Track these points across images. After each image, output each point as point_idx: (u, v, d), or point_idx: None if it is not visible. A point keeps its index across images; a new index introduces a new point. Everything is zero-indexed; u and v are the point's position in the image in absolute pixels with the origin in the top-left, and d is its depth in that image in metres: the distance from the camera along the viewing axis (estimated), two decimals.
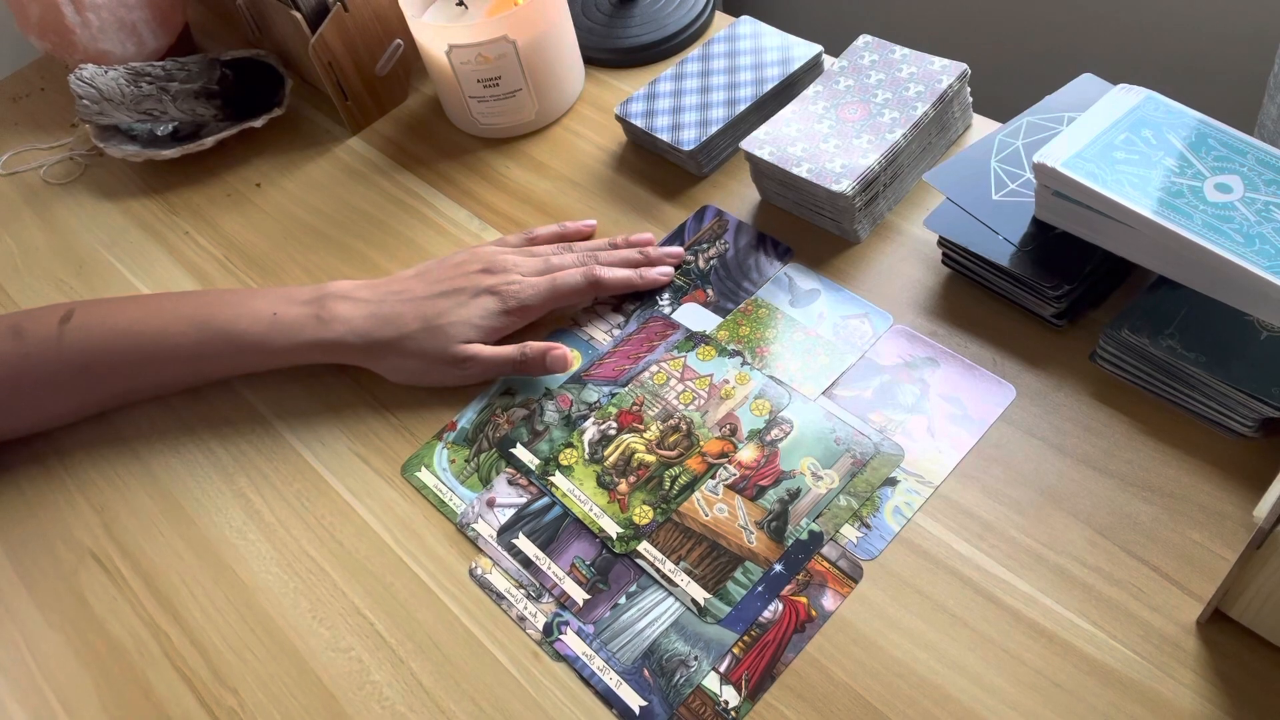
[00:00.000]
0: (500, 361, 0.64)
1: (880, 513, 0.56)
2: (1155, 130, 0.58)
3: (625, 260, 0.68)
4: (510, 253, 0.68)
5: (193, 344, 0.64)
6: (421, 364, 0.64)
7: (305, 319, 0.64)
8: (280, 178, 0.84)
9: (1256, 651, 0.48)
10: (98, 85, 0.81)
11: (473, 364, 0.63)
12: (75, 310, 0.65)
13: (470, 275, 0.65)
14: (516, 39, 0.75)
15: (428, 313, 0.63)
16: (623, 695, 0.52)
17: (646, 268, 0.68)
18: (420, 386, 0.66)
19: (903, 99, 0.69)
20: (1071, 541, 0.53)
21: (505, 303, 0.64)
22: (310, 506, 0.62)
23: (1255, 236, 0.52)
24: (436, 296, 0.64)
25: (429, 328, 0.63)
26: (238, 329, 0.64)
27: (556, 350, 0.64)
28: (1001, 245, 0.61)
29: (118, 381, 0.66)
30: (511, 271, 0.66)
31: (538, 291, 0.65)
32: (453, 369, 0.64)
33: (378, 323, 0.64)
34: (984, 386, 0.60)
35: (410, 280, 0.66)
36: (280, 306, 0.64)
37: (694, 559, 0.56)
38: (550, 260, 0.67)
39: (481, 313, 0.64)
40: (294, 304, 0.65)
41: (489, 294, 0.64)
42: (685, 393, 0.63)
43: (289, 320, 0.64)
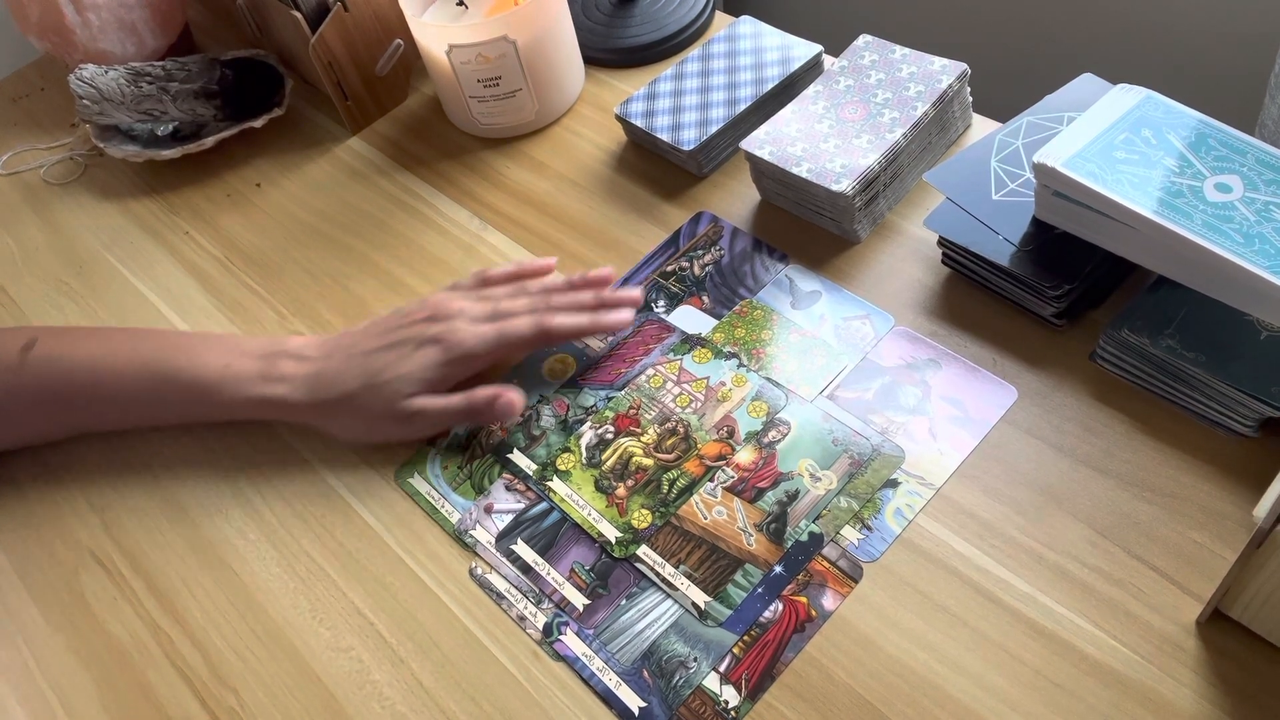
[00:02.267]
0: (447, 413, 0.61)
1: (881, 515, 0.56)
2: (1155, 130, 0.58)
3: (579, 304, 0.64)
4: (460, 297, 0.64)
5: (146, 389, 0.63)
6: (366, 422, 0.62)
7: (254, 375, 0.62)
8: (280, 178, 0.84)
9: (1256, 651, 0.48)
10: (98, 85, 0.81)
11: (419, 419, 0.61)
12: (39, 339, 0.64)
13: (415, 325, 0.62)
14: (516, 39, 0.75)
15: (371, 369, 0.61)
16: (622, 696, 0.52)
17: (603, 311, 0.64)
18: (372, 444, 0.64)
19: (903, 99, 0.69)
20: (1072, 541, 0.53)
21: (449, 352, 0.61)
22: (310, 506, 0.62)
23: (1255, 236, 0.52)
24: (381, 350, 0.62)
25: (371, 384, 0.61)
26: (189, 378, 0.62)
27: (503, 397, 0.61)
28: (1001, 245, 0.61)
29: (72, 417, 0.65)
30: (457, 318, 0.62)
31: (483, 340, 0.62)
32: (399, 426, 0.62)
33: (321, 383, 0.62)
34: (985, 388, 0.60)
35: (359, 335, 0.64)
36: (233, 358, 0.63)
37: (694, 562, 0.56)
38: (501, 305, 0.64)
39: (424, 364, 0.61)
40: (247, 357, 0.63)
41: (432, 344, 0.61)
42: (682, 396, 0.63)
43: (238, 374, 0.62)
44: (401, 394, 0.60)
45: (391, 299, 0.73)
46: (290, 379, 0.62)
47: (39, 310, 0.77)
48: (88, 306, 0.77)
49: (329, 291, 0.74)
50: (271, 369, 0.62)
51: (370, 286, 0.74)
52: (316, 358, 0.63)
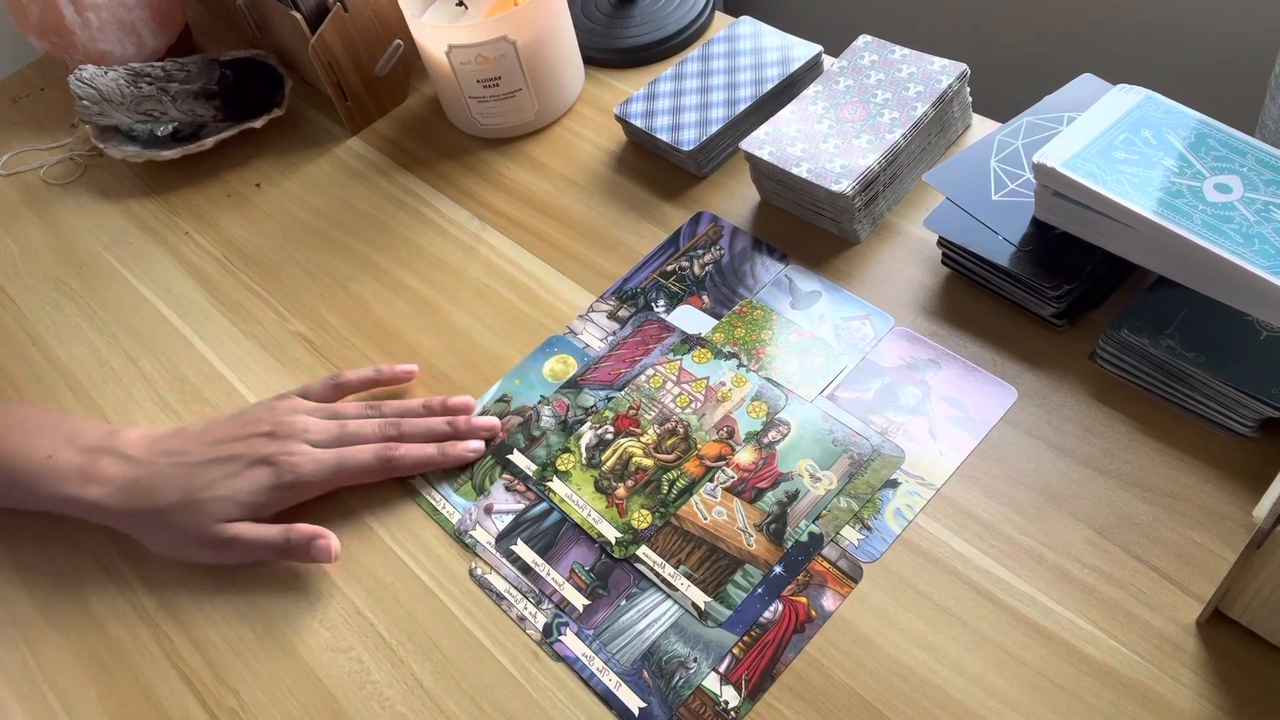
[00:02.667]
0: (262, 546, 0.57)
1: (881, 515, 0.56)
2: (1155, 130, 0.58)
3: (430, 432, 0.61)
4: (305, 414, 0.60)
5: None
6: (179, 540, 0.58)
7: (73, 471, 0.59)
8: (280, 178, 0.84)
9: (1256, 651, 0.48)
10: (98, 86, 0.81)
11: (232, 547, 0.57)
12: None
13: (252, 439, 0.59)
14: (516, 39, 0.75)
15: (193, 484, 0.57)
16: (622, 696, 0.52)
17: (453, 443, 0.61)
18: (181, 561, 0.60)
19: (902, 99, 0.69)
20: (1072, 542, 0.53)
21: (280, 477, 0.57)
22: (310, 506, 0.62)
23: (1255, 236, 0.52)
24: (209, 463, 0.58)
25: (189, 501, 0.57)
26: (10, 463, 0.59)
27: (322, 540, 0.57)
28: (1001, 245, 0.61)
29: None
30: (297, 438, 0.59)
31: (321, 468, 0.58)
32: (209, 550, 0.58)
33: (136, 491, 0.58)
34: (985, 388, 0.60)
35: (192, 438, 0.60)
36: (59, 448, 0.59)
37: (693, 563, 0.56)
38: (347, 427, 0.60)
39: (251, 487, 0.57)
40: (73, 449, 0.59)
41: (265, 465, 0.57)
42: (682, 396, 0.63)
43: (58, 467, 0.59)
44: (217, 516, 0.57)
45: (391, 299, 0.73)
46: (108, 481, 0.58)
47: (39, 310, 0.77)
48: (87, 307, 0.77)
49: (329, 291, 0.74)
50: (92, 466, 0.59)
51: (370, 286, 0.74)
52: (141, 460, 0.59)
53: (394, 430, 0.61)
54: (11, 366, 0.74)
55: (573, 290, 0.70)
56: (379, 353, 0.69)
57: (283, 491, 0.58)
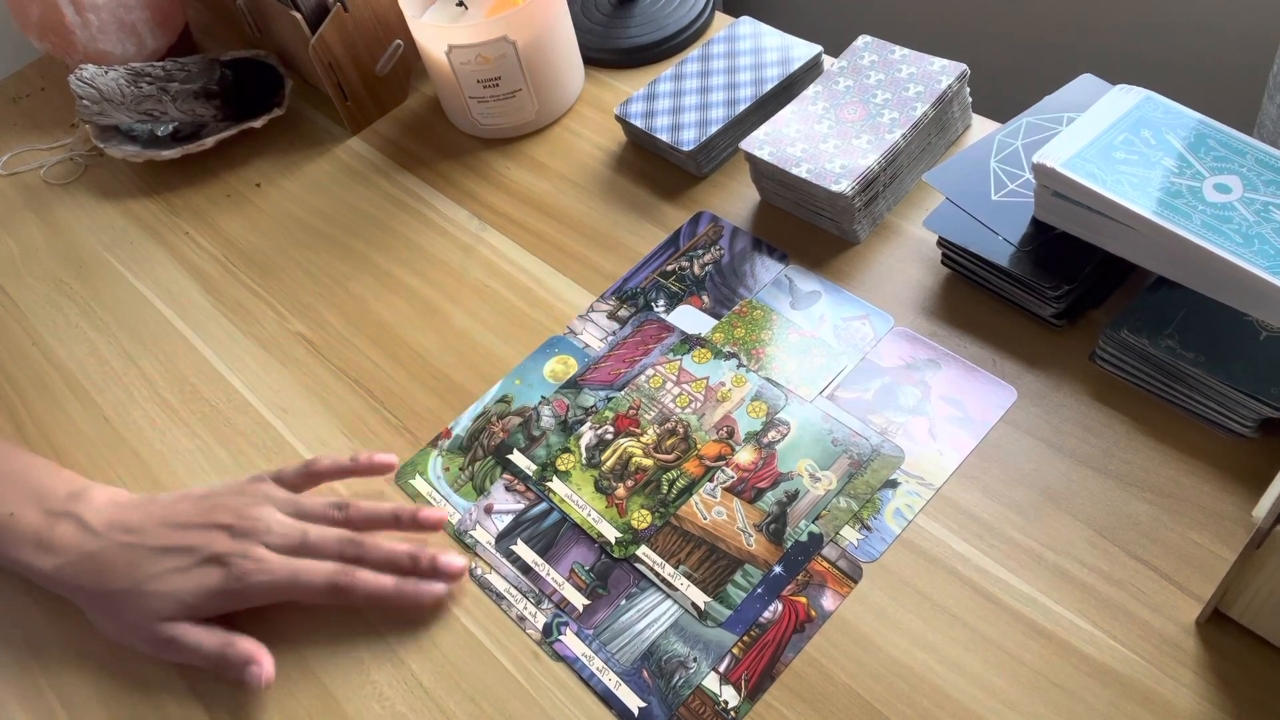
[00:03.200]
0: (198, 654, 0.54)
1: (881, 515, 0.56)
2: (1155, 131, 0.58)
3: (391, 559, 0.56)
4: (277, 506, 0.57)
5: None
6: (119, 626, 0.56)
7: (30, 535, 0.57)
8: (280, 178, 0.84)
9: (1256, 652, 0.48)
10: (98, 85, 0.81)
11: (170, 648, 0.54)
12: None
13: (211, 531, 0.55)
14: (516, 39, 0.75)
15: (140, 572, 0.55)
16: (622, 696, 0.52)
17: (415, 581, 0.56)
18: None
19: (902, 99, 0.69)
20: (1071, 542, 0.53)
21: (228, 582, 0.54)
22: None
23: (1254, 237, 0.52)
24: (161, 551, 0.55)
25: (134, 591, 0.54)
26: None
27: (255, 667, 0.54)
28: (1001, 245, 0.61)
29: None
30: (256, 539, 0.55)
31: (272, 580, 0.55)
32: (146, 644, 0.55)
33: (88, 568, 0.55)
34: (985, 388, 0.60)
35: (154, 515, 0.57)
36: (22, 506, 0.57)
37: (693, 563, 0.56)
38: (308, 536, 0.56)
39: (196, 588, 0.54)
40: (36, 508, 0.57)
41: (215, 565, 0.54)
42: (682, 396, 0.63)
43: (18, 528, 0.57)
44: (160, 613, 0.54)
45: (391, 299, 0.73)
46: (62, 552, 0.56)
47: (39, 310, 0.77)
48: (87, 307, 0.77)
49: (329, 291, 0.74)
50: (50, 532, 0.57)
51: (370, 286, 0.74)
52: (99, 533, 0.56)
53: (354, 550, 0.56)
54: (11, 366, 0.74)
55: (573, 290, 0.70)
56: (379, 353, 0.69)
57: (228, 598, 0.55)
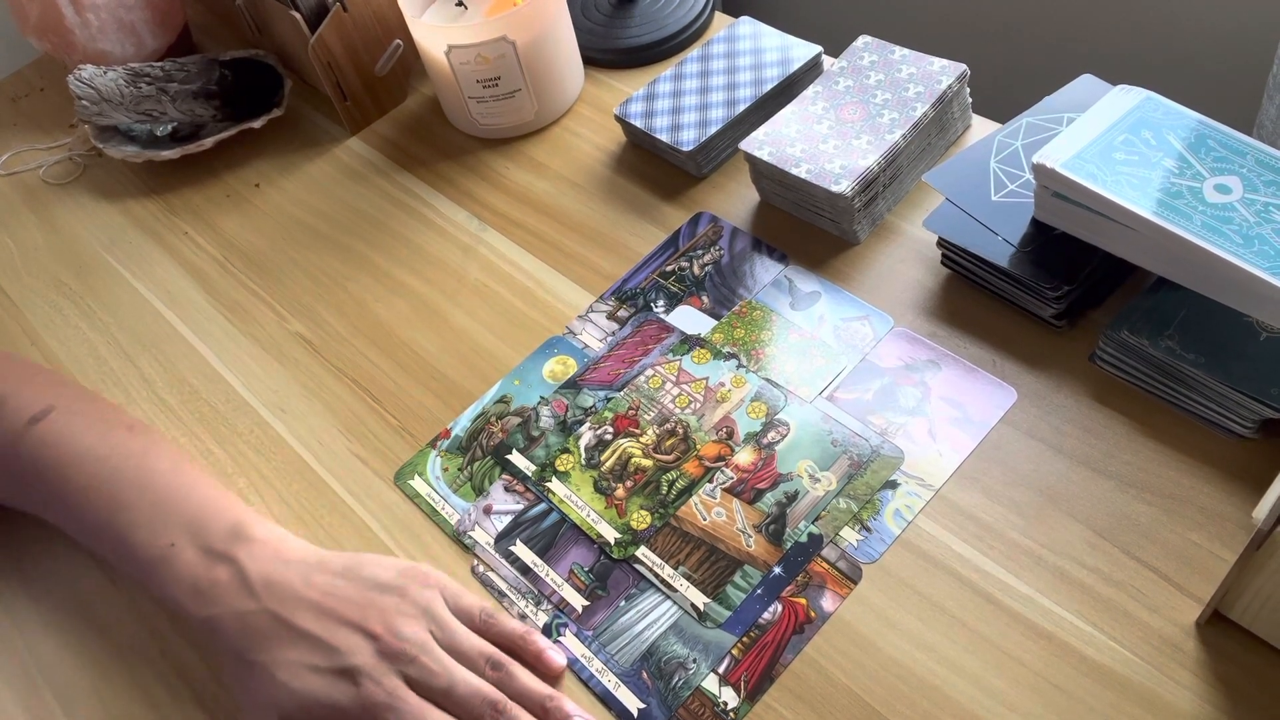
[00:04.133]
0: None
1: (880, 516, 0.56)
2: (1155, 131, 0.58)
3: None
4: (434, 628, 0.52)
5: (91, 525, 0.57)
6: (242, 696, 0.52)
7: (187, 577, 0.54)
8: (280, 178, 0.84)
9: (1255, 653, 0.48)
10: (97, 86, 0.81)
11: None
12: (54, 411, 0.59)
13: (356, 634, 0.51)
14: (516, 39, 0.75)
15: (280, 654, 0.51)
16: (621, 697, 0.52)
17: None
18: None
19: (902, 99, 0.69)
20: (1071, 543, 0.53)
21: (355, 706, 0.49)
22: (309, 507, 0.62)
23: (1254, 237, 0.52)
24: (303, 638, 0.51)
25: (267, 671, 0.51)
26: (132, 540, 0.55)
27: None
28: (1001, 246, 0.61)
29: (41, 509, 0.61)
30: (398, 667, 0.50)
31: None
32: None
33: (235, 629, 0.52)
34: (985, 389, 0.60)
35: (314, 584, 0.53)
36: (182, 538, 0.55)
37: (692, 564, 0.55)
38: (454, 682, 0.50)
39: (322, 697, 0.50)
40: (195, 544, 0.54)
41: (350, 681, 0.50)
42: (681, 396, 0.63)
43: (174, 567, 0.54)
44: (280, 705, 0.50)
45: (390, 299, 0.72)
46: (216, 603, 0.53)
47: (39, 310, 0.77)
48: (86, 307, 0.77)
49: (328, 291, 0.74)
50: (208, 577, 0.53)
51: (369, 287, 0.74)
52: (256, 592, 0.53)
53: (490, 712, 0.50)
54: None
55: (572, 291, 0.70)
56: (379, 353, 0.69)
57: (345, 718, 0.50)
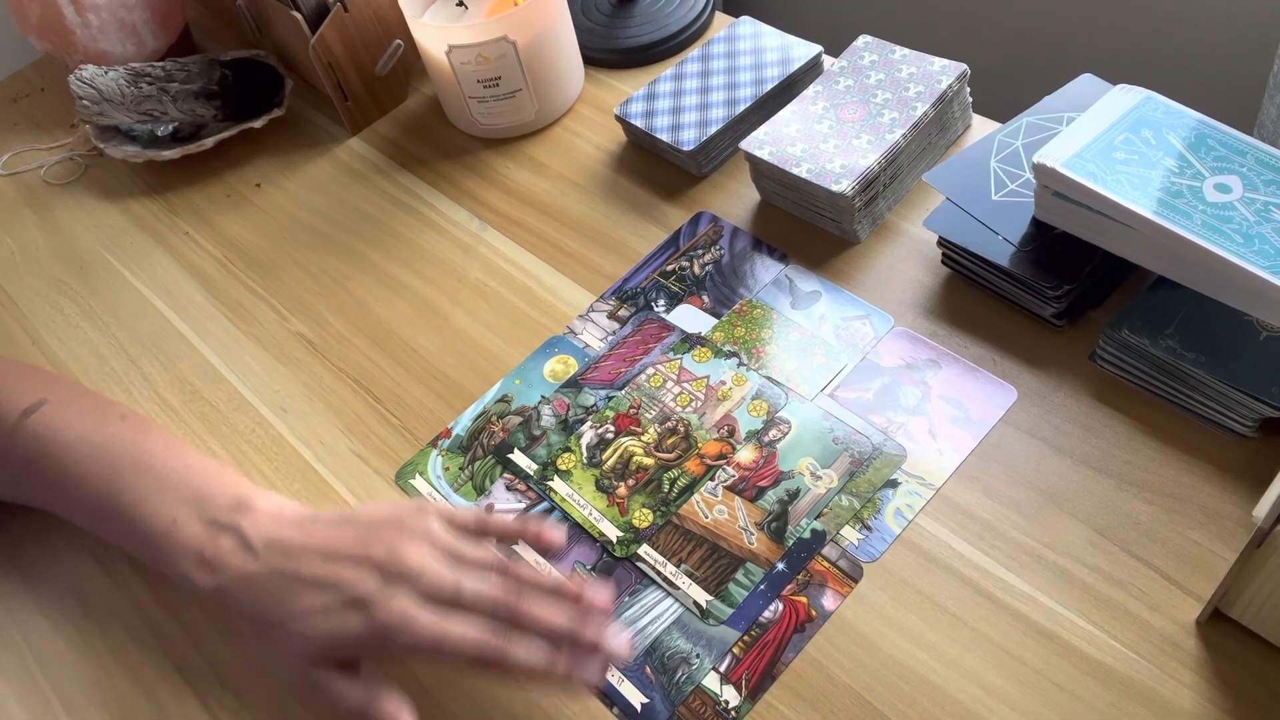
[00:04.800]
0: (341, 705, 0.50)
1: (881, 515, 0.56)
2: (1155, 130, 0.58)
3: (550, 630, 0.50)
4: (427, 553, 0.51)
5: (93, 508, 0.57)
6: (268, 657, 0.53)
7: (191, 549, 0.54)
8: (280, 178, 0.84)
9: (1256, 651, 0.48)
10: (98, 86, 0.81)
11: (313, 694, 0.51)
12: (46, 404, 0.59)
13: (360, 566, 0.51)
14: (516, 39, 0.75)
15: (290, 606, 0.51)
16: (625, 692, 0.52)
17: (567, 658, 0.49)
18: None
19: (902, 99, 0.69)
20: (1071, 542, 0.53)
21: (369, 631, 0.49)
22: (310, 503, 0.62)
23: (1255, 237, 0.52)
24: (310, 584, 0.51)
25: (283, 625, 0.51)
26: (134, 515, 0.55)
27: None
28: (1001, 245, 0.61)
29: (40, 499, 0.61)
30: (405, 586, 0.50)
31: (416, 639, 0.49)
32: (294, 687, 0.53)
33: (245, 592, 0.52)
34: (985, 388, 0.60)
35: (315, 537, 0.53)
36: (184, 513, 0.55)
37: (695, 561, 0.56)
38: (463, 590, 0.50)
39: (338, 633, 0.49)
40: (199, 517, 0.54)
41: (358, 610, 0.50)
42: (682, 395, 0.63)
43: (179, 539, 0.54)
44: (302, 654, 0.50)
45: (391, 299, 0.73)
46: (223, 571, 0.53)
47: (39, 310, 0.77)
48: (87, 307, 0.77)
49: (329, 291, 0.74)
50: (213, 548, 0.53)
51: (370, 286, 0.74)
52: (260, 554, 0.53)
53: (508, 613, 0.50)
54: None
55: (573, 290, 0.70)
56: (379, 353, 0.69)
57: (368, 649, 0.50)
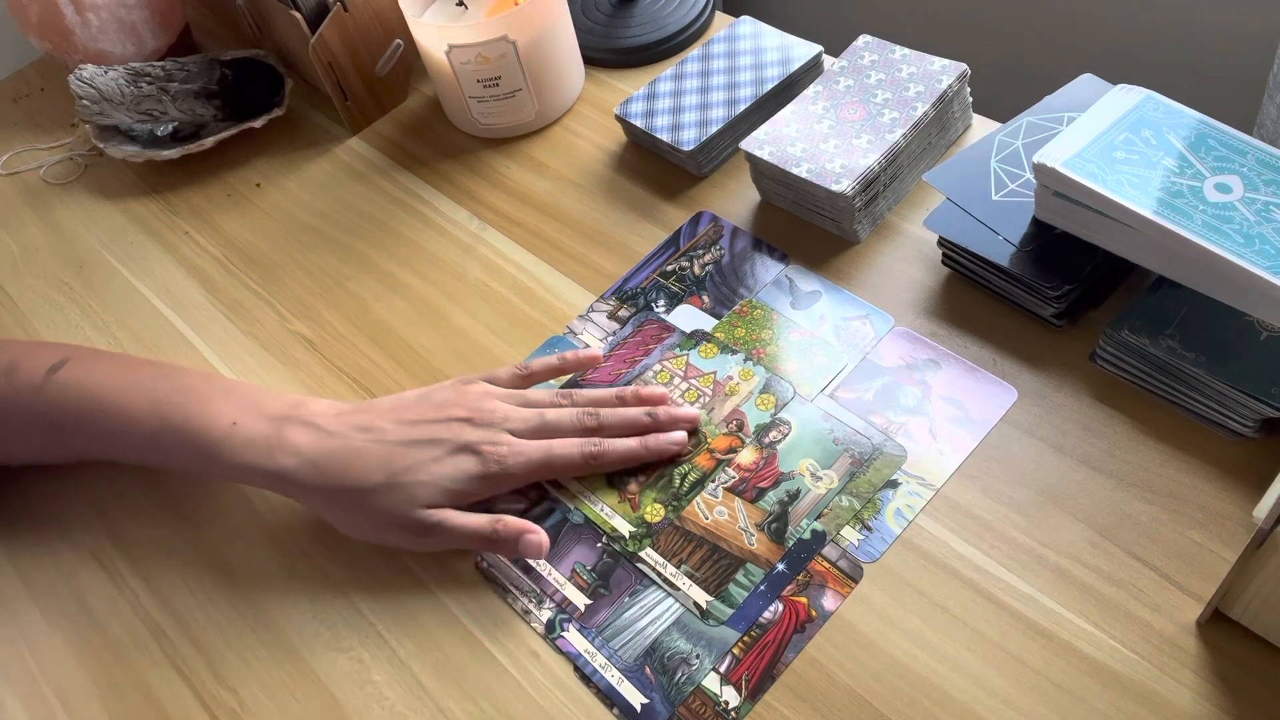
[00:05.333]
0: (468, 535, 0.55)
1: (881, 515, 0.56)
2: (1155, 130, 0.58)
3: (629, 423, 0.58)
4: (501, 400, 0.58)
5: (149, 432, 0.58)
6: (377, 522, 0.55)
7: (260, 440, 0.56)
8: (280, 178, 0.84)
9: (1256, 652, 0.48)
10: (98, 85, 0.81)
11: (435, 533, 0.55)
12: (69, 360, 0.60)
13: (452, 424, 0.56)
14: (516, 39, 0.75)
15: (396, 464, 0.54)
16: (624, 693, 0.52)
17: (656, 435, 0.58)
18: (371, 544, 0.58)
19: (903, 99, 0.69)
20: (1072, 542, 0.53)
21: (486, 467, 0.55)
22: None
23: (1255, 236, 0.52)
24: (409, 445, 0.55)
25: (393, 483, 0.54)
26: (192, 428, 0.57)
27: (533, 534, 0.55)
28: (1001, 245, 0.61)
29: (81, 447, 0.62)
30: (499, 427, 0.56)
31: (528, 461, 0.55)
32: (412, 536, 0.56)
33: (334, 464, 0.55)
34: (985, 388, 0.60)
35: (385, 414, 0.57)
36: (244, 415, 0.57)
37: (695, 562, 0.56)
38: (546, 418, 0.57)
39: (456, 474, 0.54)
40: (259, 416, 0.57)
41: (469, 453, 0.55)
42: (690, 391, 0.63)
43: (244, 436, 0.56)
44: (420, 501, 0.54)
45: (391, 299, 0.73)
46: (299, 451, 0.55)
47: (39, 310, 0.77)
48: (87, 307, 0.77)
49: (329, 291, 0.74)
50: (279, 436, 0.56)
51: (370, 286, 0.74)
52: (334, 432, 0.56)
53: (593, 421, 0.57)
54: None
55: (573, 290, 0.70)
56: (379, 353, 0.69)
57: (488, 483, 0.55)
